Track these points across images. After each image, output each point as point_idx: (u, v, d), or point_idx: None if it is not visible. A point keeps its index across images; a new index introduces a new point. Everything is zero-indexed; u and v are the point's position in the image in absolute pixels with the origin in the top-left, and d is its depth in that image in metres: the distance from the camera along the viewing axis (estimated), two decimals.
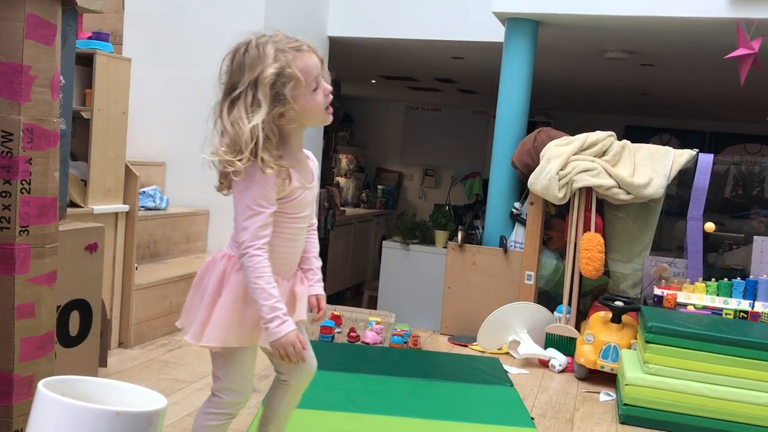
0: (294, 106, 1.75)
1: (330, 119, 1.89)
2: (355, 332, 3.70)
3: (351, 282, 7.45)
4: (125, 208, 3.25)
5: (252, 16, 4.24)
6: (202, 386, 2.87)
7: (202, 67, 4.32)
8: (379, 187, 8.86)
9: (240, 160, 1.72)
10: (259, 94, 1.72)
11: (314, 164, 1.97)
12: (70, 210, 2.82)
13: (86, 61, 3.01)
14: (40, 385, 1.43)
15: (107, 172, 3.12)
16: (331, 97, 1.85)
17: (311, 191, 1.89)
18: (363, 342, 3.65)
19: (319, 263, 1.99)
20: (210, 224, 4.35)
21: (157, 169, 4.34)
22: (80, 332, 2.56)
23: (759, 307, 3.26)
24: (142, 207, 3.90)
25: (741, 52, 3.62)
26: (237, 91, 1.74)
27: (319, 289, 1.98)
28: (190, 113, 4.36)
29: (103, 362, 2.82)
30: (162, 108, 4.38)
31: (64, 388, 1.48)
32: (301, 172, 1.85)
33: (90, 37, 3.10)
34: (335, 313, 4.03)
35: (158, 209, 4.00)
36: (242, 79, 1.73)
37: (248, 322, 1.77)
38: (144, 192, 3.96)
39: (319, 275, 1.99)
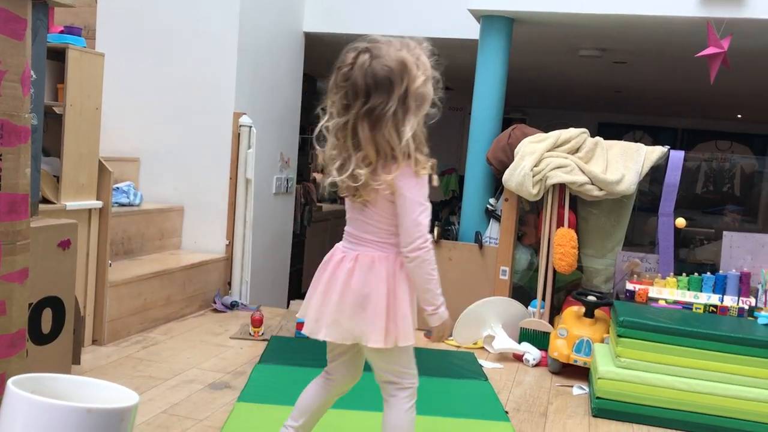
0: (427, 104, 1.84)
1: None
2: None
3: None
4: (98, 204, 3.22)
5: (227, 11, 4.22)
6: (176, 383, 2.86)
7: (176, 62, 4.30)
8: None
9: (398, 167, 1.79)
10: (410, 103, 1.79)
11: None
12: (42, 206, 2.79)
13: (58, 55, 2.97)
14: (9, 383, 1.42)
15: (80, 168, 3.09)
16: None
17: None
18: None
19: None
20: (185, 220, 4.33)
21: (131, 164, 4.30)
22: (53, 330, 2.54)
23: (728, 301, 3.32)
24: (116, 203, 3.86)
25: (711, 50, 3.68)
26: (385, 106, 1.77)
27: None
28: (165, 109, 4.33)
29: (76, 360, 2.80)
30: (136, 103, 4.35)
31: (34, 386, 1.47)
32: None
33: (62, 32, 3.05)
34: None
35: (132, 205, 3.97)
36: (386, 94, 1.78)
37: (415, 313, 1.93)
38: (118, 188, 3.93)
39: None
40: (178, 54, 4.30)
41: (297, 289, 6.29)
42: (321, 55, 5.85)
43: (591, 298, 3.43)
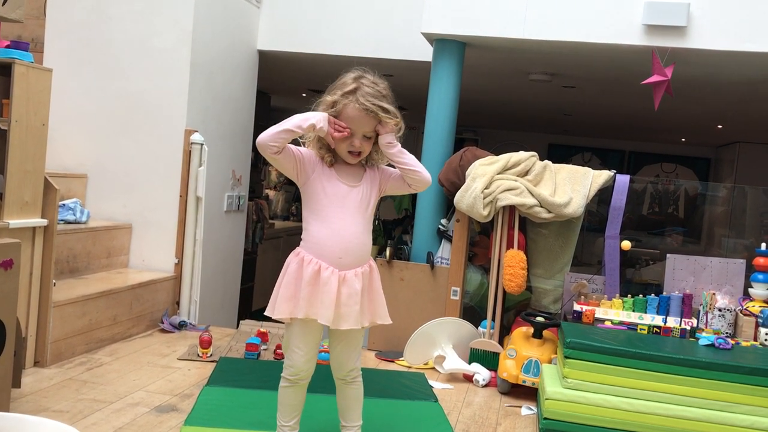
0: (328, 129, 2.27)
1: (350, 160, 2.32)
2: (282, 349, 3.67)
3: None
4: (43, 222, 3.15)
5: (179, 28, 4.19)
6: (121, 406, 2.80)
7: (127, 77, 4.25)
8: None
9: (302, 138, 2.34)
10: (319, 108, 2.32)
11: (375, 173, 2.41)
12: None
13: (4, 70, 2.91)
14: None
15: (25, 185, 3.02)
16: (354, 148, 2.28)
17: (348, 190, 2.32)
18: None
19: None
20: (133, 238, 4.25)
21: (78, 181, 4.22)
22: None
23: (671, 322, 3.41)
24: (62, 221, 3.78)
25: (655, 78, 3.80)
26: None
27: None
28: (114, 124, 4.26)
29: (16, 383, 2.71)
30: (85, 118, 4.27)
31: None
32: (343, 174, 2.33)
33: (8, 46, 2.99)
34: (261, 329, 4.00)
35: (78, 223, 3.89)
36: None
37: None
38: (64, 205, 3.85)
39: None
40: (129, 69, 4.24)
41: (248, 307, 6.23)
42: (275, 72, 5.85)
43: (539, 319, 3.49)
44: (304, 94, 7.61)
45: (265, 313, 2.34)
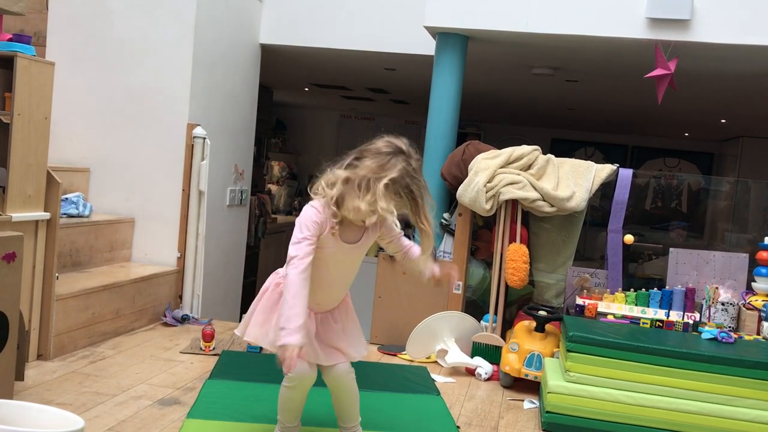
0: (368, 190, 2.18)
1: (360, 223, 2.25)
2: None
3: None
4: (46, 215, 3.15)
5: (182, 21, 4.18)
6: (124, 399, 2.81)
7: (129, 71, 4.24)
8: None
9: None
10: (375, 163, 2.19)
11: (376, 225, 2.30)
12: None
13: (7, 63, 2.91)
14: None
15: (27, 178, 3.02)
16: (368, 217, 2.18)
17: (350, 249, 2.28)
18: None
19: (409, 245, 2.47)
20: (135, 232, 4.25)
21: (81, 175, 4.22)
22: None
23: (674, 316, 3.41)
24: (65, 214, 3.78)
25: (659, 72, 3.79)
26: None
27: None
28: (117, 118, 4.26)
29: (19, 376, 2.72)
30: (88, 112, 4.27)
31: None
32: (345, 232, 2.24)
33: (11, 39, 2.99)
34: None
35: (81, 216, 3.89)
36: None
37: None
38: (66, 199, 3.85)
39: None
40: (131, 63, 4.24)
41: (250, 301, 6.23)
42: (277, 66, 5.85)
43: (542, 312, 3.49)
44: (306, 89, 7.60)
45: (235, 331, 2.38)
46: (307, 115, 9.70)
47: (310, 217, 2.18)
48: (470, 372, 3.60)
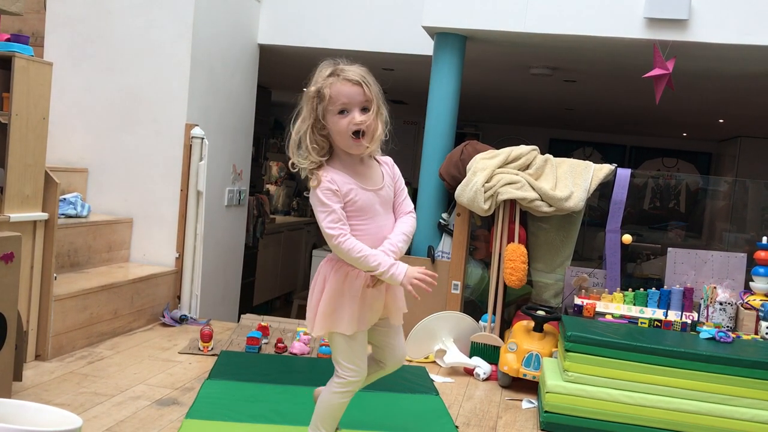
0: (325, 123, 2.11)
1: (356, 148, 2.14)
2: (283, 343, 3.68)
3: (280, 291, 7.39)
4: (44, 216, 3.15)
5: (180, 21, 4.18)
6: (122, 400, 2.81)
7: (127, 71, 4.24)
8: None
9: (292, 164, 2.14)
10: (304, 108, 2.13)
11: (387, 168, 2.28)
12: None
13: (4, 63, 2.91)
14: None
15: (25, 178, 3.01)
16: (356, 127, 2.11)
17: (372, 193, 2.19)
18: (290, 353, 3.64)
19: (396, 239, 2.26)
20: (133, 233, 4.25)
21: (79, 175, 4.22)
22: None
23: (672, 315, 3.41)
24: (63, 215, 3.78)
25: (657, 72, 3.79)
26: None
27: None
28: (115, 118, 4.26)
29: (17, 377, 2.72)
30: (86, 112, 4.27)
31: None
32: (365, 181, 2.17)
33: (8, 39, 2.99)
34: (262, 323, 4.00)
35: (79, 217, 3.89)
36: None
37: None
38: (64, 199, 3.85)
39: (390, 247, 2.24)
40: (129, 63, 4.24)
41: (249, 302, 6.23)
42: (276, 67, 5.84)
43: (540, 312, 3.49)
44: (304, 89, 7.59)
45: (310, 332, 2.27)
46: None
47: (323, 190, 2.10)
48: (469, 372, 3.61)
